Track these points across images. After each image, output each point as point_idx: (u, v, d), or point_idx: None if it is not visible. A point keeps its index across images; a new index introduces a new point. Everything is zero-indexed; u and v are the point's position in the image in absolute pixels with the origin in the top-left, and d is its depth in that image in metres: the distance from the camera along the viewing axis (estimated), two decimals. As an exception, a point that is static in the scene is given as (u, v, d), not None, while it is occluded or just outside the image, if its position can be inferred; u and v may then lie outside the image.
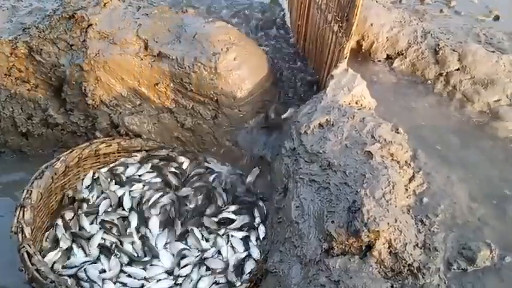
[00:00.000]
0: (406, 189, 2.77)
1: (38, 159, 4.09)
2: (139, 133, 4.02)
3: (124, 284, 3.16)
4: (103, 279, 3.12)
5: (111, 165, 3.94)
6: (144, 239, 3.43)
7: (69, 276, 3.09)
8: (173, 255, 3.37)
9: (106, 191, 3.71)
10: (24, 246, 2.88)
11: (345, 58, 3.61)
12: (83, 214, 3.52)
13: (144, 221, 3.54)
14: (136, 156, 3.99)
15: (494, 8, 5.40)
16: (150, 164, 3.93)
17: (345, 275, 2.39)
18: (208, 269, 3.28)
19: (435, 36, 4.43)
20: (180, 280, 3.21)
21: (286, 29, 5.41)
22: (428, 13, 5.13)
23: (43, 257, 3.14)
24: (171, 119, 4.04)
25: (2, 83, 4.10)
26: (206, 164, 4.02)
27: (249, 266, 3.26)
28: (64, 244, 3.33)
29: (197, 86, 3.84)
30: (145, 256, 3.36)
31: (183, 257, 3.35)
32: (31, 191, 3.22)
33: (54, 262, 3.21)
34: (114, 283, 3.14)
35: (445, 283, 2.36)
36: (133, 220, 3.54)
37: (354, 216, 2.49)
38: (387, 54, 4.55)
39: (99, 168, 3.89)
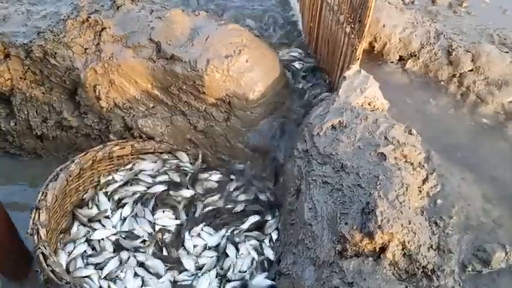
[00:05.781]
0: (420, 191, 2.76)
1: (53, 162, 4.15)
2: (153, 135, 4.04)
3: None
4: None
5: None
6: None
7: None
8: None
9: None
10: (39, 248, 2.90)
11: (358, 59, 3.61)
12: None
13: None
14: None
15: (507, 7, 5.37)
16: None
17: (359, 277, 2.39)
18: (222, 268, 3.31)
19: (448, 37, 4.41)
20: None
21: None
22: (441, 14, 5.12)
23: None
24: (184, 121, 4.06)
25: (17, 86, 4.14)
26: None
27: (263, 268, 3.26)
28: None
29: (210, 89, 3.84)
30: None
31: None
32: (46, 193, 3.24)
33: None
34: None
35: (459, 285, 2.35)
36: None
37: (368, 218, 2.49)
38: (400, 56, 4.55)
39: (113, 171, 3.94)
